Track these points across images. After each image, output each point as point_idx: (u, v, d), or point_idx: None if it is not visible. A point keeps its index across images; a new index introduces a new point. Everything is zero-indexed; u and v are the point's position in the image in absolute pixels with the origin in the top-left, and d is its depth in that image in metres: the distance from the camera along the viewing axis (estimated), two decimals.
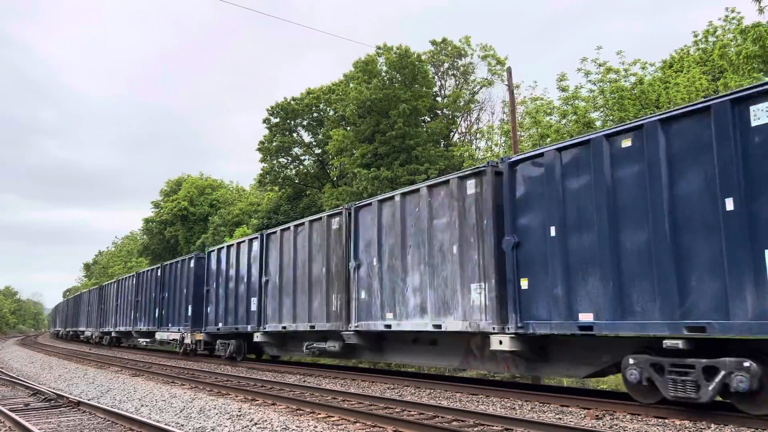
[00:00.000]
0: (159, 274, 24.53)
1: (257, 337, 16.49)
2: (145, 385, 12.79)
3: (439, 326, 10.34)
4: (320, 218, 14.27)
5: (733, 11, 22.79)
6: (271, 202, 34.70)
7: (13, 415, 8.72)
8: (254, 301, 16.68)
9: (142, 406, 10.08)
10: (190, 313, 20.76)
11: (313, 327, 13.92)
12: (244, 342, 18.34)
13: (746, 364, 6.45)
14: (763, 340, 6.51)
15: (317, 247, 14.20)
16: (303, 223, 14.97)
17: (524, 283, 8.90)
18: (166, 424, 7.77)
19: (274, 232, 16.31)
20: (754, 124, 6.59)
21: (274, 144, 33.13)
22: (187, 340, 20.68)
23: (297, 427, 7.40)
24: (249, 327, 16.87)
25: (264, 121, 33.14)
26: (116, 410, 8.99)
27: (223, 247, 19.38)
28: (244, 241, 17.92)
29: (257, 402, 9.92)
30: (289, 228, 15.59)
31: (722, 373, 6.59)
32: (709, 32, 24.13)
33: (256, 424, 7.72)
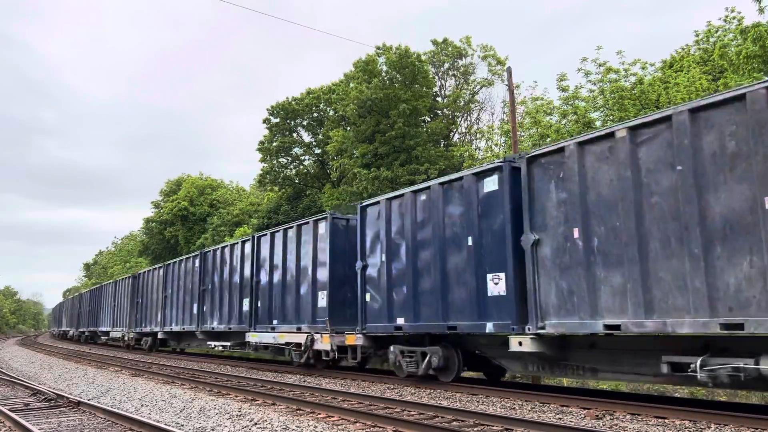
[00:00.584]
0: (250, 248, 17.36)
1: None
2: (145, 385, 12.78)
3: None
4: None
5: (732, 11, 22.80)
6: (271, 202, 34.70)
7: (13, 415, 8.72)
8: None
9: (142, 406, 10.07)
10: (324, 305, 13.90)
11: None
12: None
13: None
14: None
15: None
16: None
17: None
18: (166, 424, 7.77)
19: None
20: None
21: (274, 144, 33.15)
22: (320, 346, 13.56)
23: (297, 427, 7.40)
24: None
25: (264, 121, 33.16)
26: (116, 410, 8.99)
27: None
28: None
29: (257, 402, 9.91)
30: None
31: None
32: (710, 32, 24.13)
33: (256, 424, 7.71)
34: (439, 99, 29.55)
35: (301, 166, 34.43)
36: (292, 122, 33.27)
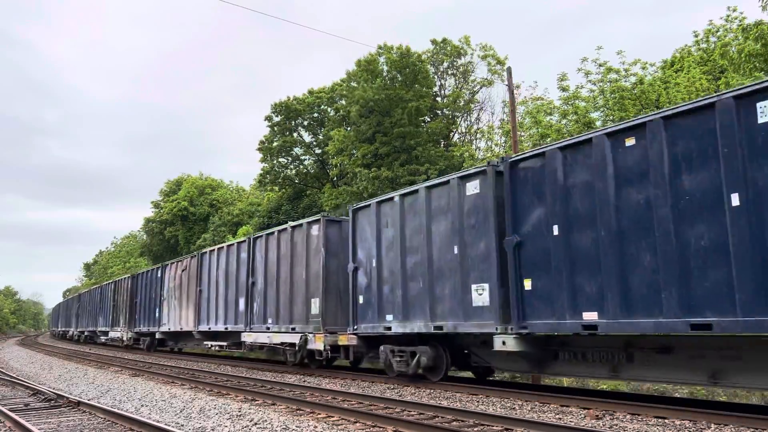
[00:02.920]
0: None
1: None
2: (145, 385, 12.78)
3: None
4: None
5: (734, 11, 22.79)
6: (271, 201, 34.70)
7: (13, 415, 8.71)
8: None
9: (142, 406, 10.07)
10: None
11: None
12: None
13: None
14: None
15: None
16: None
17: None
18: (166, 424, 7.76)
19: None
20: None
21: (274, 143, 33.15)
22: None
23: (297, 427, 7.40)
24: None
25: (266, 119, 33.14)
26: (116, 410, 8.98)
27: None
28: None
29: (257, 402, 9.92)
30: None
31: None
32: (710, 32, 24.12)
33: (256, 424, 7.71)
34: (438, 99, 29.54)
35: (301, 166, 34.43)
36: (293, 122, 33.28)
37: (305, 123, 33.46)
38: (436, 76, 29.38)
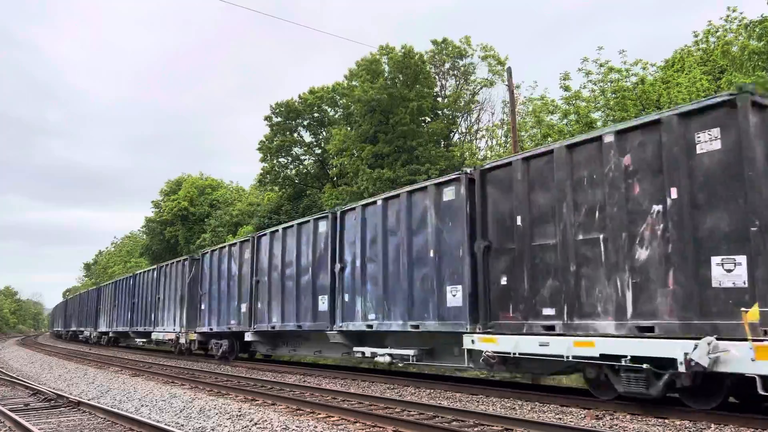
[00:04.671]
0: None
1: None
2: (145, 385, 12.78)
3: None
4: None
5: (734, 11, 22.75)
6: (272, 202, 34.68)
7: (13, 415, 8.72)
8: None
9: (142, 406, 10.07)
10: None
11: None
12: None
13: None
14: None
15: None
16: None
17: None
18: (166, 424, 7.76)
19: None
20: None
21: (275, 143, 33.11)
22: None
23: (297, 427, 7.39)
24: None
25: (266, 119, 33.10)
26: (116, 410, 8.99)
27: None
28: None
29: (257, 402, 9.92)
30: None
31: None
32: (710, 32, 24.10)
33: (256, 424, 7.71)
34: (439, 99, 29.52)
35: (301, 166, 34.40)
36: (293, 122, 33.24)
37: (305, 123, 33.42)
38: (437, 77, 29.35)
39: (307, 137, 34.01)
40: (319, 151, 33.65)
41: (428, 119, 28.00)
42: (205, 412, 8.86)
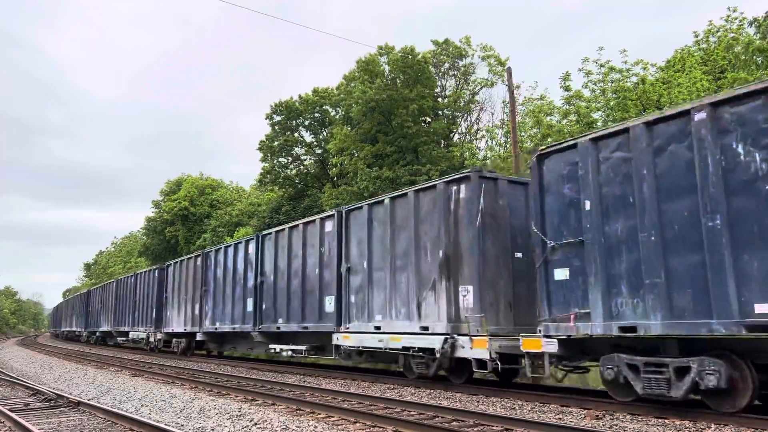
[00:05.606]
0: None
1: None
2: (145, 385, 12.78)
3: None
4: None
5: (735, 11, 22.75)
6: (272, 202, 34.67)
7: (13, 415, 8.71)
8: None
9: (142, 406, 10.06)
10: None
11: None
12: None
13: None
14: None
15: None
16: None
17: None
18: (166, 424, 7.76)
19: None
20: None
21: (275, 143, 33.10)
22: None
23: (297, 427, 7.39)
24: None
25: (267, 117, 33.10)
26: (116, 410, 8.98)
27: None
28: None
29: (257, 402, 9.91)
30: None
31: None
32: (710, 32, 24.09)
33: (256, 424, 7.70)
34: (439, 99, 29.53)
35: (302, 166, 34.40)
36: (294, 122, 33.24)
37: (306, 123, 33.42)
38: (437, 77, 29.36)
39: (308, 137, 34.01)
40: (319, 151, 33.64)
41: (428, 119, 28.01)
42: (205, 412, 8.86)
